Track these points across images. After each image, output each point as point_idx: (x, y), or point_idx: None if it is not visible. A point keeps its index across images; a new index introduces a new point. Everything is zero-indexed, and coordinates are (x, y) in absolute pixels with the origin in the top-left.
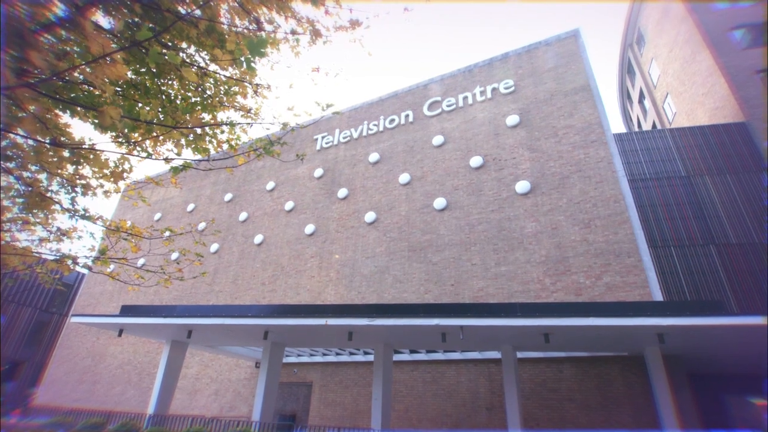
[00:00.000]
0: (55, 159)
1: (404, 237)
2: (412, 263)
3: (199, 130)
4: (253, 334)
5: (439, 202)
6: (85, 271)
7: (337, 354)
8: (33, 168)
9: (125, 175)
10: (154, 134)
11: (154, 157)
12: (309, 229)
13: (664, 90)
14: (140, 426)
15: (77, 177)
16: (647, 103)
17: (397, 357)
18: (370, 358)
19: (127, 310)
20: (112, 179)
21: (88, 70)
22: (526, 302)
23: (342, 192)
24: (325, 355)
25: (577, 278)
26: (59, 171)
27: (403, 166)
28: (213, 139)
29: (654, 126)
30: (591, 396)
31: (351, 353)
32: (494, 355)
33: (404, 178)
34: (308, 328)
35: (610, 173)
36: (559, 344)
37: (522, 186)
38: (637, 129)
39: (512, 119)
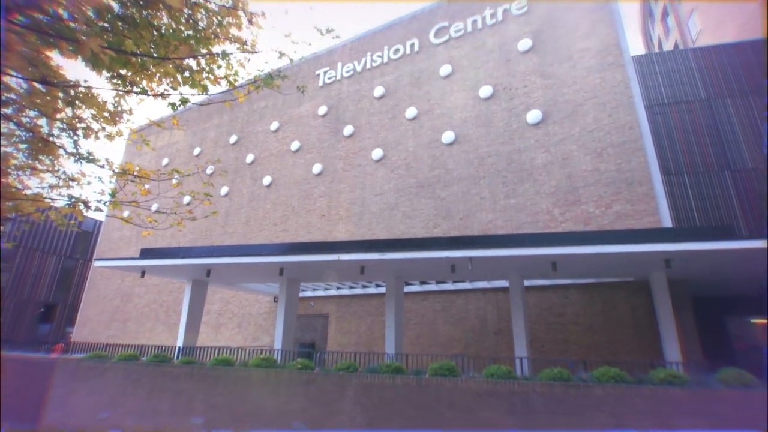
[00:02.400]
0: (49, 98)
1: (412, 173)
2: (421, 199)
3: (194, 65)
4: (269, 271)
5: (447, 136)
6: (100, 216)
7: (351, 287)
8: (32, 113)
9: (124, 116)
10: (147, 70)
11: (150, 93)
12: (316, 168)
13: (690, 6)
14: (171, 357)
15: (76, 120)
16: (671, 20)
17: (408, 288)
18: (382, 290)
19: (147, 253)
20: (111, 121)
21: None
22: (534, 233)
23: (347, 129)
24: (339, 288)
25: (586, 208)
26: (57, 114)
27: (410, 99)
28: (210, 75)
29: (676, 46)
30: (595, 319)
31: (364, 286)
32: (502, 284)
33: (411, 112)
34: (321, 264)
35: (626, 98)
36: (566, 272)
37: (533, 116)
38: (657, 50)
39: (524, 43)
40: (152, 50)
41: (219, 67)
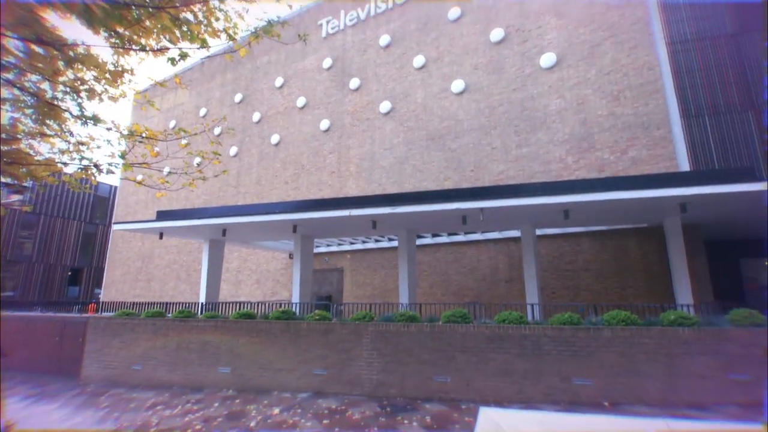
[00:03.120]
0: (48, 60)
1: (422, 125)
2: (431, 152)
3: (191, 18)
4: (283, 229)
5: (457, 85)
6: (114, 181)
7: (364, 242)
8: (34, 78)
9: (126, 76)
10: (144, 25)
11: (148, 49)
12: (324, 124)
13: None
14: (195, 313)
15: (78, 82)
16: None
17: (420, 241)
18: (395, 243)
19: (163, 215)
20: (113, 82)
21: None
22: (546, 181)
23: (354, 82)
24: (352, 243)
25: (601, 154)
26: (58, 77)
27: (417, 47)
28: (208, 27)
29: None
30: (606, 265)
31: (376, 240)
32: (514, 233)
33: (419, 61)
34: (334, 220)
35: (646, 36)
36: (578, 220)
37: (547, 59)
38: None
39: None
40: (147, 1)
41: (217, 19)
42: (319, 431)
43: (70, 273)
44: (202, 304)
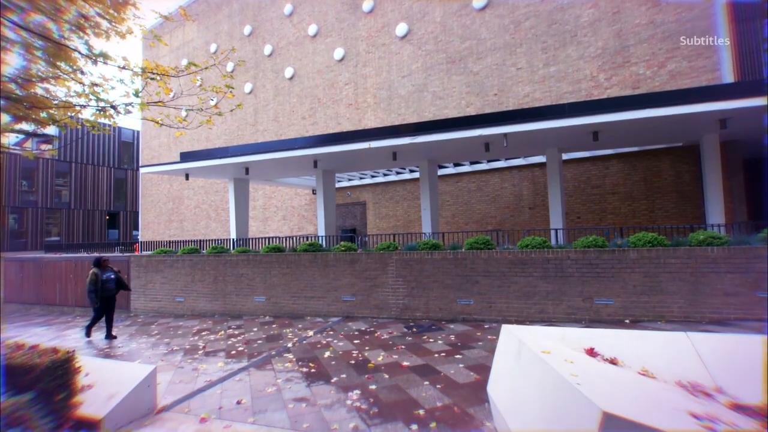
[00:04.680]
0: None
1: (441, 48)
2: (452, 76)
3: None
4: (304, 164)
5: None
6: (135, 125)
7: (385, 175)
8: (37, 18)
9: (130, 9)
10: None
11: None
12: (338, 53)
13: None
14: (228, 248)
15: (83, 19)
16: None
17: (441, 171)
18: (416, 175)
19: (187, 156)
20: (118, 17)
21: None
22: (574, 101)
23: (367, 4)
24: (373, 177)
25: (636, 69)
26: (61, 14)
27: None
28: None
29: None
30: (636, 188)
31: (398, 172)
32: (538, 159)
33: None
34: (353, 153)
35: None
36: (608, 142)
37: None
38: None
39: None
40: None
41: None
42: (351, 349)
43: (108, 217)
44: (233, 240)
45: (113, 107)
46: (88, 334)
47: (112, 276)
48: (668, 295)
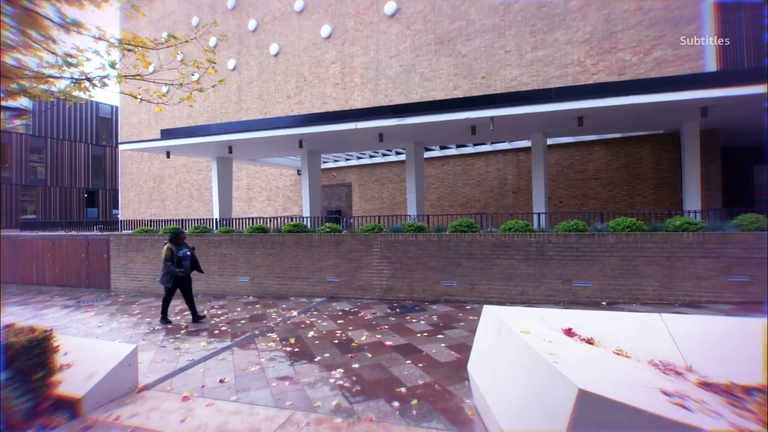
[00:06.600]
0: None
1: (430, 28)
2: (440, 57)
3: None
4: (289, 144)
5: None
6: (112, 99)
7: (371, 156)
8: None
9: None
10: None
11: None
12: (325, 31)
13: None
14: (211, 228)
15: None
16: None
17: (428, 154)
18: (403, 157)
19: (167, 134)
20: None
21: None
22: (561, 86)
23: None
24: (359, 158)
25: (622, 56)
26: None
27: None
28: None
29: None
30: (617, 174)
31: (384, 154)
32: (523, 144)
33: None
34: (339, 133)
35: None
36: (592, 128)
37: None
38: None
39: None
40: None
41: None
42: (335, 329)
43: (86, 195)
44: (216, 220)
45: (88, 79)
46: (166, 320)
47: (188, 253)
48: (644, 278)
